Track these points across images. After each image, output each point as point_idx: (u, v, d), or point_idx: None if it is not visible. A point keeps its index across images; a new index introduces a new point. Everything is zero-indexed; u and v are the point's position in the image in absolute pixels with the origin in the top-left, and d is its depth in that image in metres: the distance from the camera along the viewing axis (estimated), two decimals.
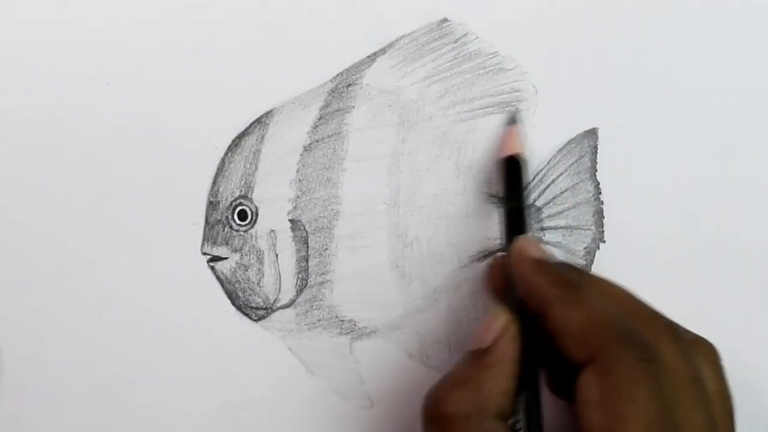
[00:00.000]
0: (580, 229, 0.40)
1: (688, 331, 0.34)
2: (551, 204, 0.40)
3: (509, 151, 0.38)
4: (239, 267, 0.40)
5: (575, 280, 0.33)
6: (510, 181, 0.38)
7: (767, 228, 0.41)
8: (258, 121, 0.40)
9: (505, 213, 0.38)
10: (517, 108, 0.40)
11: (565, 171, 0.40)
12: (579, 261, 0.40)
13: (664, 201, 0.41)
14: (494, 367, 0.32)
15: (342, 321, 0.40)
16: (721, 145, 0.41)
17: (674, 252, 0.40)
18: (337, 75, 0.40)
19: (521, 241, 0.35)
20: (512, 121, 0.39)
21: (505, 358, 0.32)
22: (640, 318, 0.32)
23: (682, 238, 0.40)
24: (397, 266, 0.40)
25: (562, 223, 0.40)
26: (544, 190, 0.40)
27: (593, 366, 0.30)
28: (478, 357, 0.32)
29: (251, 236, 0.40)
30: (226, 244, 0.40)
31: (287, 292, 0.40)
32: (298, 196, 0.40)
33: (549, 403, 0.34)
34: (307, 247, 0.40)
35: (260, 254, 0.40)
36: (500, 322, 0.33)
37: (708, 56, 0.41)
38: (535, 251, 0.34)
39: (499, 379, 0.31)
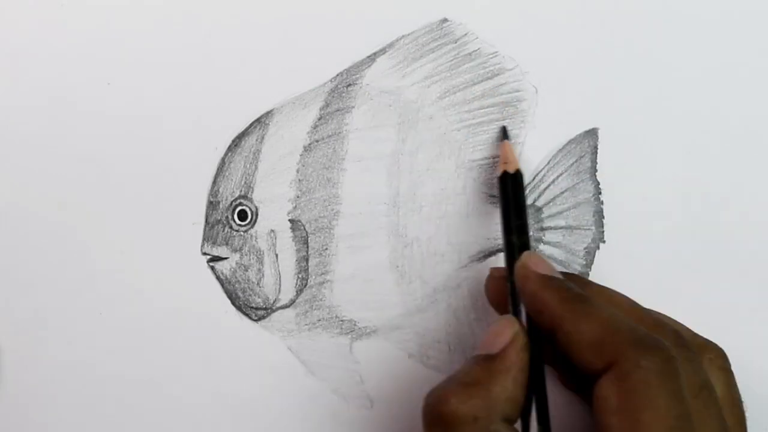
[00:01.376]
0: (580, 229, 0.40)
1: (696, 335, 0.34)
2: (551, 204, 0.40)
3: (504, 168, 0.38)
4: (239, 267, 0.40)
5: (582, 294, 0.33)
6: (508, 198, 0.37)
7: (767, 228, 0.41)
8: (258, 121, 0.40)
9: (505, 228, 0.37)
10: (504, 126, 0.39)
11: (565, 171, 0.40)
12: (579, 261, 0.40)
13: (664, 201, 0.41)
14: (504, 374, 0.32)
15: (342, 321, 0.40)
16: (721, 145, 0.41)
17: (674, 252, 0.40)
18: (337, 75, 0.40)
19: (526, 257, 0.35)
20: (503, 136, 0.39)
21: (514, 366, 0.32)
22: (647, 324, 0.32)
23: (682, 238, 0.40)
24: (397, 266, 0.40)
25: (562, 223, 0.40)
26: (544, 190, 0.40)
27: (611, 373, 0.30)
28: (487, 362, 0.32)
29: (251, 236, 0.40)
30: (226, 244, 0.40)
31: (287, 292, 0.40)
32: (298, 196, 0.40)
33: (557, 405, 0.34)
34: (307, 247, 0.40)
35: (260, 254, 0.40)
36: (510, 330, 0.33)
37: (708, 56, 0.41)
38: (540, 267, 0.34)
39: (508, 385, 0.31)
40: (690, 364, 0.31)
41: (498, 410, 0.31)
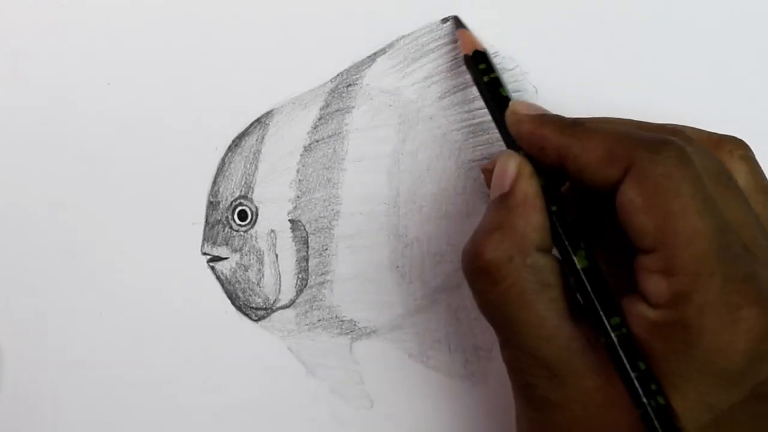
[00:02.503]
0: None
1: (710, 133, 0.34)
2: None
3: (469, 50, 0.37)
4: (239, 267, 0.40)
5: (579, 119, 0.33)
6: (481, 71, 0.37)
7: None
8: (258, 121, 0.40)
9: (486, 97, 0.36)
10: (455, 16, 0.39)
11: None
12: None
13: None
14: (522, 206, 0.31)
15: (342, 321, 0.40)
16: None
17: None
18: (337, 75, 0.40)
19: (514, 105, 0.34)
20: (459, 25, 0.39)
21: (528, 195, 0.32)
22: (649, 129, 0.32)
23: None
24: (397, 266, 0.40)
25: None
26: None
27: (629, 177, 0.29)
28: (503, 201, 0.32)
29: (251, 236, 0.40)
30: (226, 244, 0.40)
31: (287, 293, 0.40)
32: (298, 196, 0.40)
33: None
34: (307, 247, 0.40)
35: (260, 254, 0.40)
36: (513, 163, 0.33)
37: (708, 56, 0.41)
38: (531, 109, 0.34)
39: (530, 216, 0.31)
40: (698, 154, 0.30)
41: (529, 243, 0.31)
